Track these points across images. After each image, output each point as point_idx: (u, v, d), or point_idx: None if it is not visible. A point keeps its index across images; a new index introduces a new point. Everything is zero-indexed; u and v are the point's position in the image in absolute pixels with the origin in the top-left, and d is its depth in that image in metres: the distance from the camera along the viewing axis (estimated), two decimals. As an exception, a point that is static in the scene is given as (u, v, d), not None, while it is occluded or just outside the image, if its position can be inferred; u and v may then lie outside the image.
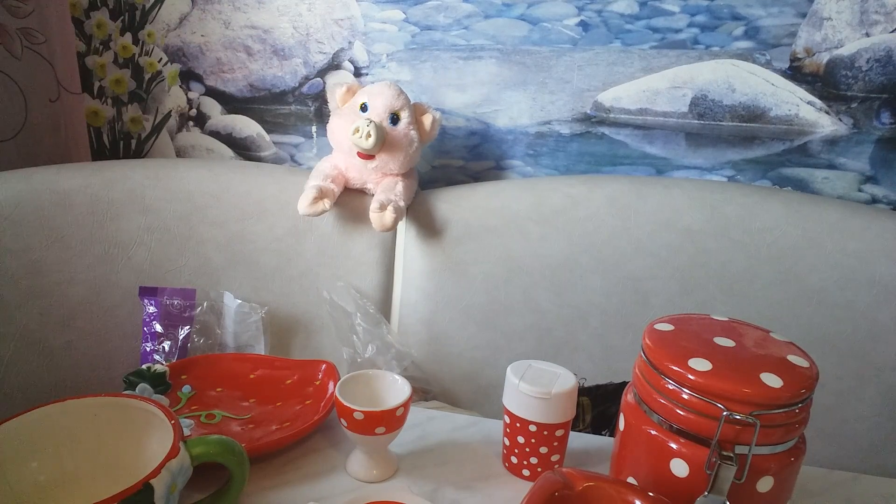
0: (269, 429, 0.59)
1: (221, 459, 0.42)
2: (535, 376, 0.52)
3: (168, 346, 0.87)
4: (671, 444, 0.41)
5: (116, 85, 1.10)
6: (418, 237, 0.93)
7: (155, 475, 0.37)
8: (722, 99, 0.93)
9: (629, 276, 0.90)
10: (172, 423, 0.41)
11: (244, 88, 1.07)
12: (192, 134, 1.11)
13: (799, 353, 0.42)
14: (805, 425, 0.42)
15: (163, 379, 0.61)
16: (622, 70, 0.94)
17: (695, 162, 0.97)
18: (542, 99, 0.98)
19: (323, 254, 0.93)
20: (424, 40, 0.99)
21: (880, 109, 0.89)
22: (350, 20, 1.00)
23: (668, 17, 0.91)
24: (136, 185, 0.93)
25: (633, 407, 0.45)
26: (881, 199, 0.93)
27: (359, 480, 0.53)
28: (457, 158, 1.04)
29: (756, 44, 0.90)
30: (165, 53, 1.07)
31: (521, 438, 0.53)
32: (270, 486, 0.52)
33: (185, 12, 1.04)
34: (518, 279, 0.91)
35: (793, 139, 0.93)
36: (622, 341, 0.90)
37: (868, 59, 0.87)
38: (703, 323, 0.46)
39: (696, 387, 0.40)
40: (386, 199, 0.86)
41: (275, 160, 1.10)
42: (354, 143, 0.85)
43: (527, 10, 0.94)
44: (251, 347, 0.89)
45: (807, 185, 0.95)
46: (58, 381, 0.88)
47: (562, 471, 0.40)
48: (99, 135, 1.13)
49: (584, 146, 0.99)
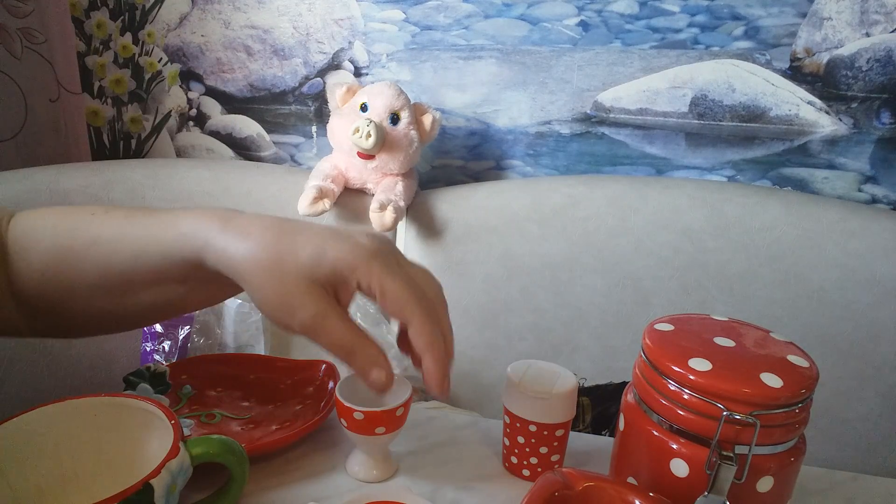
0: (269, 429, 0.59)
1: (221, 459, 0.42)
2: (535, 376, 0.52)
3: (168, 346, 0.87)
4: (671, 444, 0.41)
5: (116, 85, 1.10)
6: (418, 237, 0.93)
7: (155, 475, 0.37)
8: (722, 99, 0.93)
9: (629, 276, 0.90)
10: (172, 423, 0.41)
11: (244, 88, 1.07)
12: (192, 134, 1.11)
13: (799, 353, 0.42)
14: (805, 425, 0.42)
15: (163, 379, 0.61)
16: (622, 70, 0.94)
17: (695, 162, 0.97)
18: (542, 99, 0.98)
19: (323, 254, 0.93)
20: (424, 40, 0.99)
21: (880, 109, 0.89)
22: (350, 20, 1.00)
23: (668, 17, 0.91)
24: (136, 185, 0.93)
25: (633, 407, 0.45)
26: (881, 199, 0.93)
27: (359, 480, 0.53)
28: (457, 158, 1.04)
29: (756, 44, 0.90)
30: (165, 53, 1.07)
31: (521, 438, 0.53)
32: (270, 486, 0.52)
33: (185, 12, 1.04)
34: (518, 279, 0.91)
35: (793, 139, 0.93)
36: (622, 341, 0.90)
37: (868, 59, 0.87)
38: (703, 323, 0.46)
39: (696, 387, 0.40)
40: (386, 199, 0.86)
41: (275, 160, 1.10)
42: (354, 143, 0.85)
43: (527, 10, 0.94)
44: (251, 347, 0.89)
45: (807, 185, 0.95)
46: (58, 381, 0.88)
47: (562, 471, 0.40)
48: (99, 135, 1.13)
49: (584, 146, 0.99)
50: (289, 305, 0.36)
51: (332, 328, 0.36)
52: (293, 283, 0.36)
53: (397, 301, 0.35)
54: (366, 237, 0.38)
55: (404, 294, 0.35)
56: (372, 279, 0.35)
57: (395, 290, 0.35)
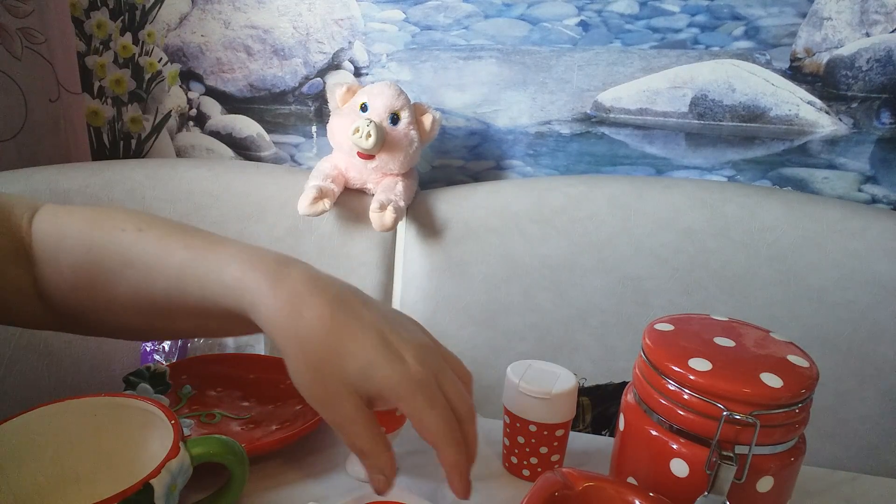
0: (269, 429, 0.59)
1: (221, 459, 0.42)
2: (535, 376, 0.52)
3: (168, 346, 0.87)
4: (671, 444, 0.41)
5: (116, 85, 1.10)
6: (418, 237, 0.93)
7: (155, 475, 0.37)
8: (722, 99, 0.93)
9: (629, 276, 0.90)
10: (172, 423, 0.41)
11: (244, 88, 1.07)
12: (192, 134, 1.11)
13: (799, 353, 0.42)
14: (805, 425, 0.42)
15: (163, 379, 0.61)
16: (622, 70, 0.94)
17: (695, 162, 0.97)
18: (542, 99, 0.98)
19: (323, 254, 0.93)
20: (424, 40, 0.99)
21: (880, 109, 0.89)
22: (350, 20, 1.00)
23: (668, 17, 0.91)
24: (136, 185, 0.93)
25: (633, 407, 0.45)
26: (881, 199, 0.93)
27: (359, 480, 0.53)
28: (457, 158, 1.04)
29: (756, 44, 0.90)
30: (165, 53, 1.07)
31: (521, 438, 0.53)
32: (270, 486, 0.52)
33: (185, 12, 1.04)
34: (518, 279, 0.91)
35: (793, 139, 0.93)
36: (622, 341, 0.90)
37: (868, 59, 0.87)
38: (703, 323, 0.46)
39: (696, 387, 0.40)
40: (386, 199, 0.86)
41: (275, 160, 1.10)
42: (354, 143, 0.85)
43: (527, 10, 0.94)
44: (251, 347, 0.89)
45: (807, 185, 0.95)
46: (58, 381, 0.88)
47: (562, 471, 0.40)
48: (99, 135, 1.13)
49: (584, 146, 0.99)
50: (323, 401, 0.38)
51: (357, 433, 0.38)
52: (334, 387, 0.37)
53: (432, 434, 0.38)
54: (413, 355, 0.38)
55: (440, 429, 0.37)
56: (413, 412, 0.37)
57: (432, 424, 0.37)
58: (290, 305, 0.37)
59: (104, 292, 0.42)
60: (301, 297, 0.38)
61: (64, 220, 0.44)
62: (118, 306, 0.43)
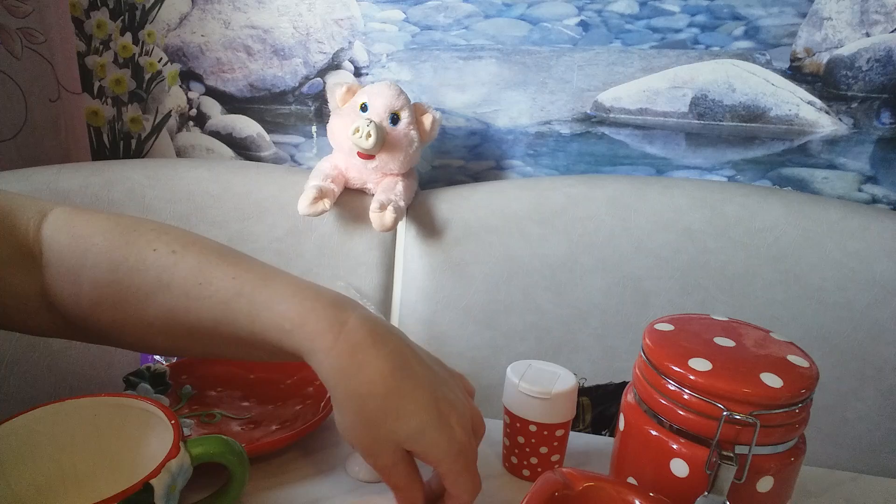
0: (269, 429, 0.59)
1: (221, 459, 0.42)
2: (535, 376, 0.52)
3: (168, 346, 0.87)
4: (671, 444, 0.41)
5: (116, 85, 1.10)
6: (418, 237, 0.93)
7: (155, 475, 0.37)
8: (722, 99, 0.93)
9: (629, 276, 0.90)
10: (172, 423, 0.41)
11: (244, 88, 1.07)
12: (192, 134, 1.11)
13: (799, 353, 0.42)
14: (805, 425, 0.42)
15: (163, 379, 0.61)
16: (622, 70, 0.94)
17: (695, 162, 0.97)
18: (542, 99, 0.98)
19: (323, 254, 0.93)
20: (424, 40, 0.99)
21: (880, 109, 0.89)
22: (350, 20, 1.00)
23: (668, 17, 0.91)
24: (136, 185, 0.93)
25: (633, 407, 0.45)
26: (881, 199, 0.93)
27: (359, 480, 0.53)
28: (457, 158, 1.04)
29: (756, 44, 0.90)
30: (165, 53, 1.07)
31: (521, 438, 0.53)
32: (270, 486, 0.52)
33: (185, 12, 1.04)
34: (518, 279, 0.91)
35: (793, 139, 0.93)
36: (622, 341, 0.90)
37: (868, 59, 0.87)
38: (703, 323, 0.46)
39: (696, 387, 0.40)
40: (386, 199, 0.86)
41: (275, 160, 1.10)
42: (354, 143, 0.85)
43: (527, 10, 0.94)
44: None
45: (807, 185, 0.95)
46: (58, 381, 0.88)
47: (562, 471, 0.40)
48: (99, 135, 1.13)
49: (584, 146, 0.99)
50: (370, 450, 0.40)
51: (396, 476, 0.40)
52: (383, 442, 0.39)
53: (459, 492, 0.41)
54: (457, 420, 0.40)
55: (467, 489, 0.41)
56: (449, 475, 0.40)
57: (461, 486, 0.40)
58: (350, 359, 0.38)
59: (132, 313, 0.41)
60: (362, 351, 0.38)
61: (82, 231, 0.42)
62: (146, 326, 0.42)
